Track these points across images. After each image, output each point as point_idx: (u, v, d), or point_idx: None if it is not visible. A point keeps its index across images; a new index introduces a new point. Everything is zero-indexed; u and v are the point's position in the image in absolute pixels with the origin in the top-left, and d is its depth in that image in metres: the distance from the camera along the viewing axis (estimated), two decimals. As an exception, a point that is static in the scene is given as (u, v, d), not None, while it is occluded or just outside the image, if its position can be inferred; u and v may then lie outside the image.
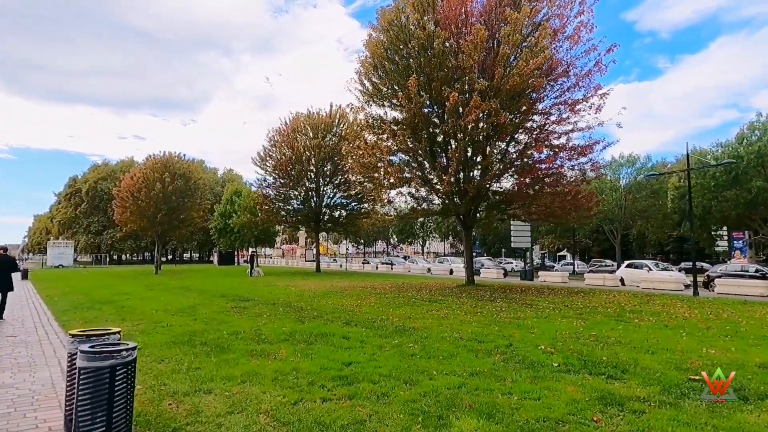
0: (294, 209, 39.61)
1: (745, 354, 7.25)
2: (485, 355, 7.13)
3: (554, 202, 18.41)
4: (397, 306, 13.57)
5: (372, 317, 11.23)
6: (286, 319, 11.00)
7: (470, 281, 20.64)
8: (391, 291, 18.99)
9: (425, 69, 16.93)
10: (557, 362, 6.57)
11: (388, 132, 16.90)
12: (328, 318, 11.14)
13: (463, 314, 11.79)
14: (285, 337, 8.81)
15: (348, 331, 9.32)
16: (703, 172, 29.47)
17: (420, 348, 7.66)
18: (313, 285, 22.70)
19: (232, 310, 12.97)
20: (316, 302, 14.66)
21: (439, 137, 18.72)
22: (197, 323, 10.67)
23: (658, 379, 5.72)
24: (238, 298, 16.16)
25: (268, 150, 38.98)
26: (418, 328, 9.54)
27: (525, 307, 13.28)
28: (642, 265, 26.43)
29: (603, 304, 14.00)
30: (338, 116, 37.81)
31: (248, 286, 22.29)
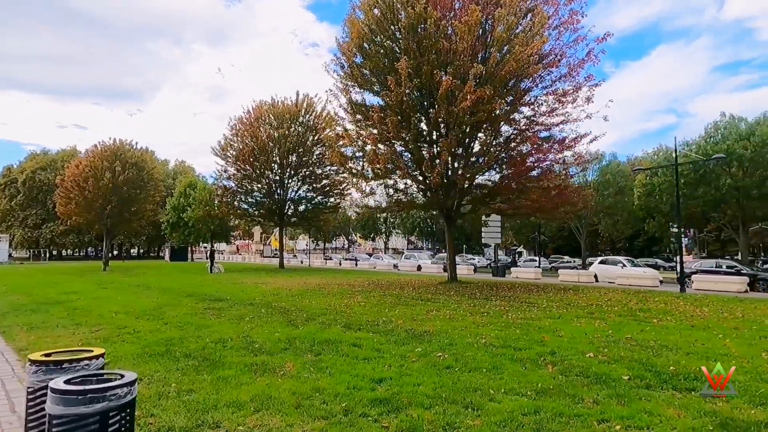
0: (257, 202, 37.63)
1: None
2: (534, 366, 6.10)
3: (543, 197, 17.75)
4: (391, 306, 12.42)
5: (371, 319, 10.03)
6: (275, 323, 9.62)
7: (453, 278, 19.75)
8: (372, 289, 17.81)
9: (414, 51, 15.81)
10: (625, 375, 5.62)
11: (375, 119, 15.67)
12: (323, 321, 9.85)
13: (468, 315, 10.78)
14: (283, 345, 7.48)
15: (355, 337, 8.08)
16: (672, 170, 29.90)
17: (452, 358, 6.54)
18: (283, 282, 21.20)
19: (207, 312, 11.43)
20: (299, 302, 13.29)
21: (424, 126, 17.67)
22: (170, 329, 9.14)
23: (766, 396, 4.85)
24: (207, 297, 14.54)
25: (229, 139, 36.83)
26: (433, 333, 8.43)
27: (528, 306, 12.43)
28: (616, 261, 26.42)
29: (604, 303, 13.36)
30: (305, 106, 36.13)
31: (213, 283, 20.54)
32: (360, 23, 17.08)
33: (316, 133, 36.33)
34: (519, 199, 18.18)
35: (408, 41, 15.86)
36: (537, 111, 17.32)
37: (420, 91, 16.58)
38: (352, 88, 17.92)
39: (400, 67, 14.95)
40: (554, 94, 17.03)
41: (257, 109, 36.12)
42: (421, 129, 17.20)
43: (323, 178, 37.29)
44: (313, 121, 36.39)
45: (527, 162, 16.74)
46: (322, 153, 37.18)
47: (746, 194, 27.88)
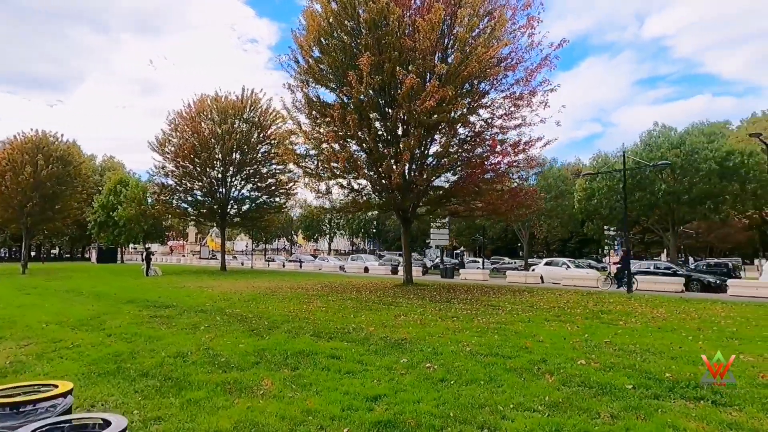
0: (197, 201, 35.70)
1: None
2: (532, 377, 5.80)
3: (498, 199, 17.85)
4: (354, 311, 11.88)
5: (339, 327, 9.46)
6: (236, 333, 8.83)
7: (409, 280, 19.45)
8: (328, 293, 17.15)
9: (375, 48, 15.34)
10: (627, 384, 5.43)
11: (336, 116, 15.02)
12: (289, 329, 9.16)
13: (439, 320, 10.45)
14: (253, 359, 6.78)
15: (330, 347, 7.50)
16: (611, 175, 31.41)
17: (443, 369, 6.14)
18: (230, 286, 20.05)
19: (154, 320, 10.39)
20: (255, 308, 12.45)
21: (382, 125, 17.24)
22: (116, 341, 8.14)
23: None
24: (151, 303, 13.34)
25: (167, 134, 34.72)
26: (411, 340, 8.00)
27: (493, 309, 12.30)
28: (560, 263, 27.28)
29: (564, 305, 13.49)
30: (250, 101, 34.70)
31: (152, 288, 19.07)
32: (318, 17, 16.41)
33: (262, 131, 35.04)
34: (475, 201, 18.18)
35: (369, 37, 15.38)
36: (494, 114, 17.39)
37: (381, 89, 16.15)
38: (309, 84, 17.19)
39: (362, 63, 14.44)
40: (511, 98, 17.15)
41: (199, 102, 34.29)
42: (380, 128, 16.76)
43: (268, 177, 35.99)
44: (258, 118, 35.03)
45: (485, 164, 16.74)
46: (268, 151, 35.96)
47: (677, 199, 29.78)
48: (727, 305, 13.63)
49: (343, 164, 15.29)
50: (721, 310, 12.29)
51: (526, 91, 17.09)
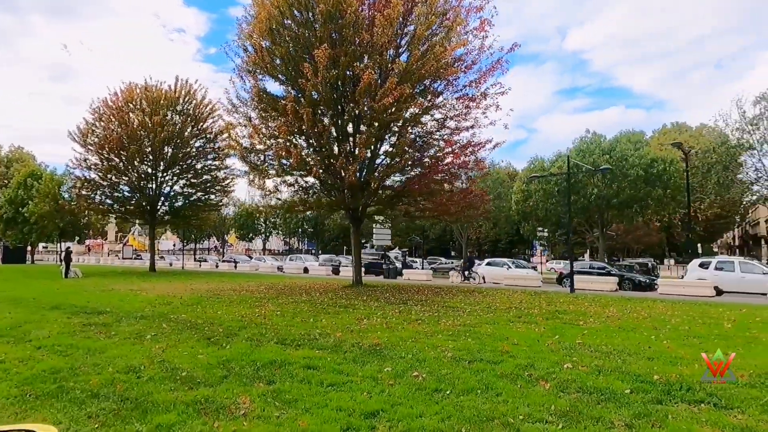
0: (123, 197, 33.19)
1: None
2: (526, 384, 5.59)
3: (450, 200, 17.85)
4: (313, 315, 11.29)
5: (302, 332, 8.87)
6: (191, 341, 8.02)
7: (359, 281, 19.00)
8: (277, 295, 16.35)
9: (332, 41, 14.77)
10: (624, 388, 5.34)
11: (289, 109, 14.25)
12: (249, 336, 8.45)
13: (404, 323, 10.10)
14: (220, 372, 6.10)
15: (301, 356, 6.93)
16: (546, 180, 32.67)
17: (433, 378, 5.79)
18: (166, 289, 18.65)
19: (89, 329, 9.27)
20: (203, 313, 11.51)
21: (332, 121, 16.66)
22: (49, 355, 7.11)
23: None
24: (80, 309, 11.99)
25: (90, 124, 32.02)
26: (385, 346, 7.60)
27: (453, 311, 12.15)
28: (502, 263, 27.92)
29: (519, 305, 13.62)
30: (184, 92, 32.76)
31: (76, 291, 17.32)
32: (269, 4, 15.56)
33: (197, 124, 33.19)
34: (426, 202, 18.08)
35: (324, 30, 14.78)
36: (447, 115, 17.33)
37: (336, 83, 15.57)
38: (257, 75, 16.27)
39: (318, 56, 13.83)
40: (463, 99, 17.18)
41: (128, 91, 31.90)
42: (335, 124, 16.17)
43: (204, 173, 34.17)
44: (193, 110, 33.14)
45: (439, 165, 16.65)
46: (203, 145, 34.18)
47: (607, 202, 31.58)
48: (667, 304, 14.36)
49: (297, 161, 14.57)
50: (665, 309, 12.88)
51: (478, 93, 17.19)
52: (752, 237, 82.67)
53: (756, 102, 25.07)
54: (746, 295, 18.28)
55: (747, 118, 26.28)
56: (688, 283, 19.78)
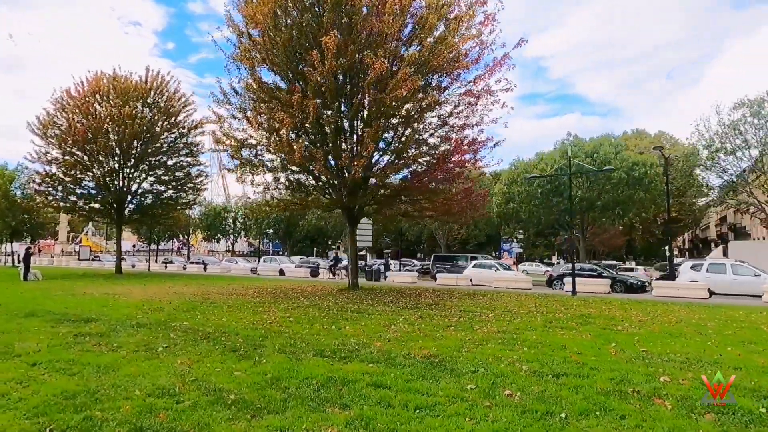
0: (88, 194, 30.96)
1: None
2: (641, 402, 4.90)
3: (451, 199, 17.20)
4: (331, 321, 10.35)
5: (335, 342, 7.94)
6: (214, 354, 6.97)
7: (355, 284, 18.05)
8: (272, 299, 15.24)
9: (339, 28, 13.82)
10: (753, 406, 4.75)
11: (295, 100, 13.17)
12: (279, 348, 7.45)
13: (440, 330, 9.31)
14: (275, 394, 5.15)
15: (357, 372, 6.04)
16: (531, 182, 32.65)
17: (529, 397, 5.04)
18: (144, 292, 17.16)
19: (83, 340, 8.03)
20: (205, 320, 10.36)
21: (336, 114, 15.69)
22: (52, 375, 5.96)
23: None
24: (62, 317, 10.58)
25: (52, 115, 29.70)
26: (443, 358, 6.78)
27: (476, 316, 11.44)
28: (490, 265, 27.53)
29: (539, 309, 13.08)
30: (156, 84, 30.88)
31: (45, 295, 15.63)
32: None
33: (169, 117, 31.33)
34: (427, 201, 17.36)
35: (332, 16, 13.81)
36: (453, 111, 16.64)
37: (343, 74, 14.62)
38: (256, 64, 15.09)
39: (327, 43, 12.86)
40: (469, 95, 16.54)
41: (94, 81, 29.76)
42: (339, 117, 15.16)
43: (176, 169, 32.34)
44: (165, 103, 31.27)
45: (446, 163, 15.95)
46: (175, 141, 32.34)
47: (590, 205, 31.86)
48: (684, 307, 14.06)
49: (299, 156, 13.50)
50: (688, 313, 12.56)
51: (483, 89, 16.60)
52: (702, 240, 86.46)
53: (736, 107, 25.74)
54: (738, 297, 18.42)
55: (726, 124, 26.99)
56: (682, 285, 19.83)
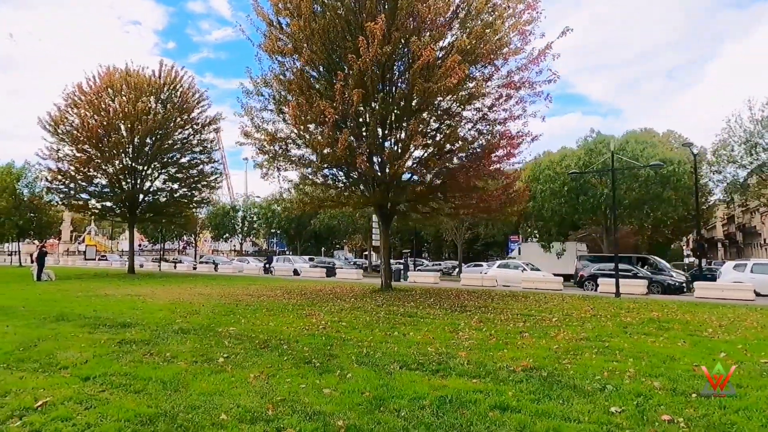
0: (101, 192, 30.14)
1: None
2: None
3: (490, 195, 16.38)
4: (388, 326, 9.53)
5: (413, 351, 7.13)
6: (286, 366, 6.17)
7: (388, 285, 17.25)
8: (308, 301, 14.42)
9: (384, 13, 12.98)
10: None
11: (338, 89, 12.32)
12: (358, 359, 6.62)
13: (511, 336, 8.50)
14: (391, 419, 4.34)
15: (463, 389, 5.22)
16: (555, 179, 31.75)
17: (697, 425, 4.22)
18: (168, 294, 16.37)
19: (129, 349, 7.23)
20: (251, 325, 9.55)
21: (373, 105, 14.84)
22: (111, 391, 5.16)
23: None
24: (95, 321, 9.77)
25: (63, 111, 28.90)
26: (551, 371, 5.96)
27: (538, 320, 10.62)
28: (517, 265, 26.72)
29: (596, 312, 12.25)
30: (171, 79, 30.06)
31: (65, 297, 14.84)
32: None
33: (183, 113, 30.48)
34: (465, 198, 16.53)
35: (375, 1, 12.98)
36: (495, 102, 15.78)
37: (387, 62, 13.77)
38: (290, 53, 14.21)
39: (373, 29, 12.03)
40: (511, 86, 15.69)
41: (106, 76, 28.93)
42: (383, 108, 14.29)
43: (191, 166, 31.54)
44: (179, 99, 30.44)
45: (492, 156, 15.12)
46: (188, 138, 31.53)
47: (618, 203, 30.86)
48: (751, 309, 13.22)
49: (343, 150, 12.63)
50: (757, 315, 11.76)
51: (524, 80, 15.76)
52: (707, 240, 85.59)
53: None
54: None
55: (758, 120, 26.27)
56: (726, 286, 18.98)
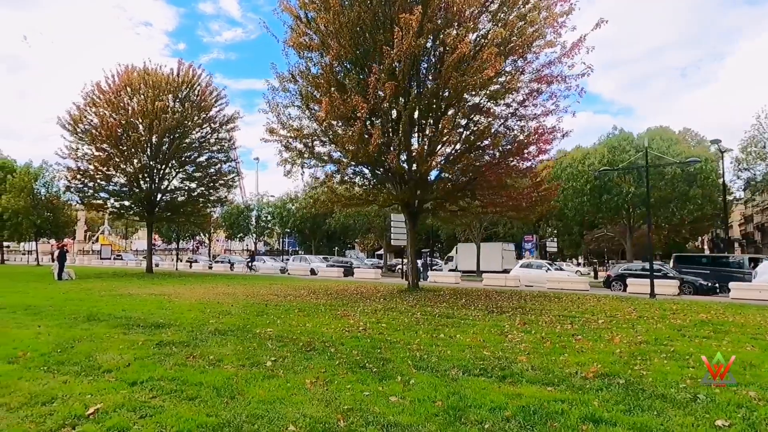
0: (119, 191, 30.08)
1: None
2: None
3: (520, 193, 15.94)
4: (432, 327, 9.16)
5: (467, 356, 6.75)
6: (340, 371, 5.80)
7: (416, 285, 16.86)
8: (339, 301, 14.07)
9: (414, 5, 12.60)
10: None
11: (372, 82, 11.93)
12: (417, 364, 6.25)
13: (564, 339, 8.09)
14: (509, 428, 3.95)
15: (541, 397, 4.84)
16: (578, 177, 31.21)
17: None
18: (192, 293, 16.12)
19: (170, 350, 6.92)
20: (288, 326, 9.21)
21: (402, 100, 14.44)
22: (162, 398, 4.84)
23: None
24: (127, 322, 9.49)
25: (82, 110, 28.87)
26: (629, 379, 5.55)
27: (588, 323, 10.19)
28: (540, 265, 26.20)
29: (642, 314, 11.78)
30: (189, 78, 29.92)
31: (90, 297, 14.62)
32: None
33: (201, 112, 30.33)
34: (495, 195, 16.09)
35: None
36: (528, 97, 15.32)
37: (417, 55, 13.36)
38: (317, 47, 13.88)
39: (407, 21, 11.65)
40: (543, 80, 15.22)
41: (125, 75, 28.85)
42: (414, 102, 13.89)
43: (209, 165, 31.40)
44: (197, 97, 30.29)
45: (524, 153, 14.68)
46: (206, 136, 31.39)
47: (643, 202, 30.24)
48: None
49: (375, 146, 12.25)
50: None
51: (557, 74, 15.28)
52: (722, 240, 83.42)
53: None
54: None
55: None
56: (762, 287, 18.37)
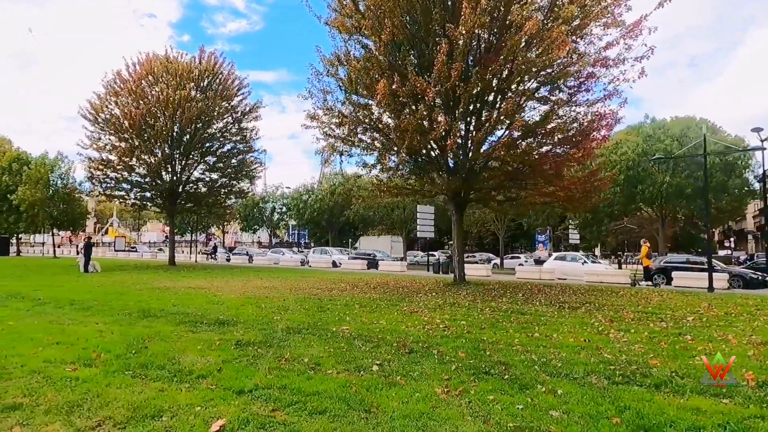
0: (141, 182, 29.51)
1: None
2: None
3: (573, 183, 15.18)
4: (520, 326, 8.50)
5: (584, 360, 6.09)
6: (464, 376, 5.14)
7: (462, 278, 16.19)
8: (388, 296, 13.44)
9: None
10: None
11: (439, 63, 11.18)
12: (546, 370, 5.60)
13: (680, 339, 7.42)
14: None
15: (708, 411, 4.16)
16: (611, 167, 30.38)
17: None
18: (232, 287, 15.55)
19: (259, 353, 6.28)
20: (358, 323, 8.57)
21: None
22: (299, 420, 4.17)
23: None
24: (187, 318, 8.85)
25: (103, 99, 28.24)
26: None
27: (679, 321, 9.49)
28: (576, 257, 25.49)
29: (716, 310, 11.07)
30: (211, 66, 29.21)
31: (129, 291, 14.07)
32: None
33: (224, 101, 29.64)
34: (548, 186, 15.33)
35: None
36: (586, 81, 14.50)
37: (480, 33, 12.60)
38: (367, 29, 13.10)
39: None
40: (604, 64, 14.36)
41: (147, 63, 28.16)
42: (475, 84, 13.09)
43: (232, 156, 30.76)
44: (219, 86, 29.58)
45: (588, 138, 13.89)
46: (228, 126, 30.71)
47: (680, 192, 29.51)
48: None
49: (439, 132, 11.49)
50: None
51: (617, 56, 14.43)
52: (736, 233, 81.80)
53: None
54: None
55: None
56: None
